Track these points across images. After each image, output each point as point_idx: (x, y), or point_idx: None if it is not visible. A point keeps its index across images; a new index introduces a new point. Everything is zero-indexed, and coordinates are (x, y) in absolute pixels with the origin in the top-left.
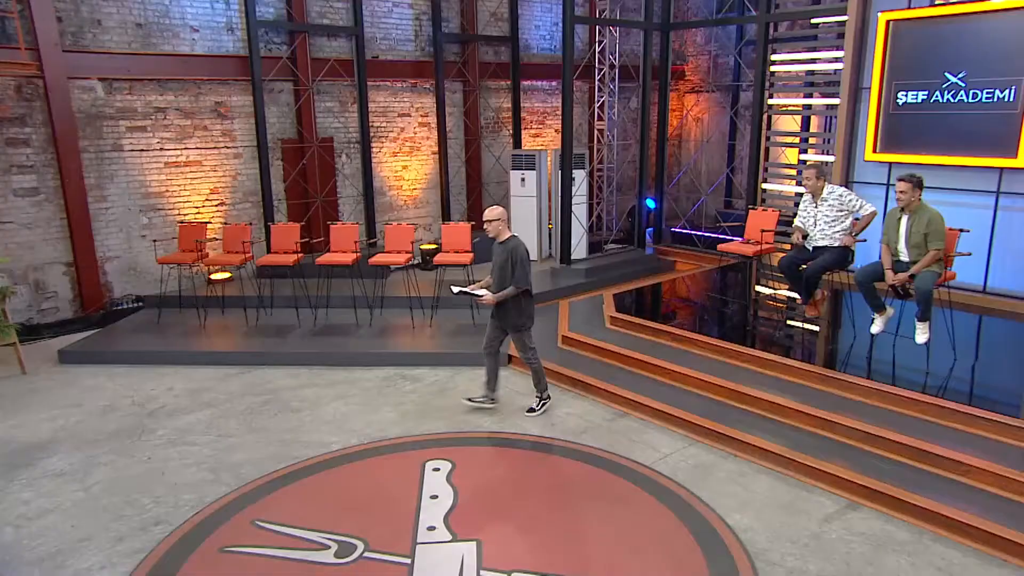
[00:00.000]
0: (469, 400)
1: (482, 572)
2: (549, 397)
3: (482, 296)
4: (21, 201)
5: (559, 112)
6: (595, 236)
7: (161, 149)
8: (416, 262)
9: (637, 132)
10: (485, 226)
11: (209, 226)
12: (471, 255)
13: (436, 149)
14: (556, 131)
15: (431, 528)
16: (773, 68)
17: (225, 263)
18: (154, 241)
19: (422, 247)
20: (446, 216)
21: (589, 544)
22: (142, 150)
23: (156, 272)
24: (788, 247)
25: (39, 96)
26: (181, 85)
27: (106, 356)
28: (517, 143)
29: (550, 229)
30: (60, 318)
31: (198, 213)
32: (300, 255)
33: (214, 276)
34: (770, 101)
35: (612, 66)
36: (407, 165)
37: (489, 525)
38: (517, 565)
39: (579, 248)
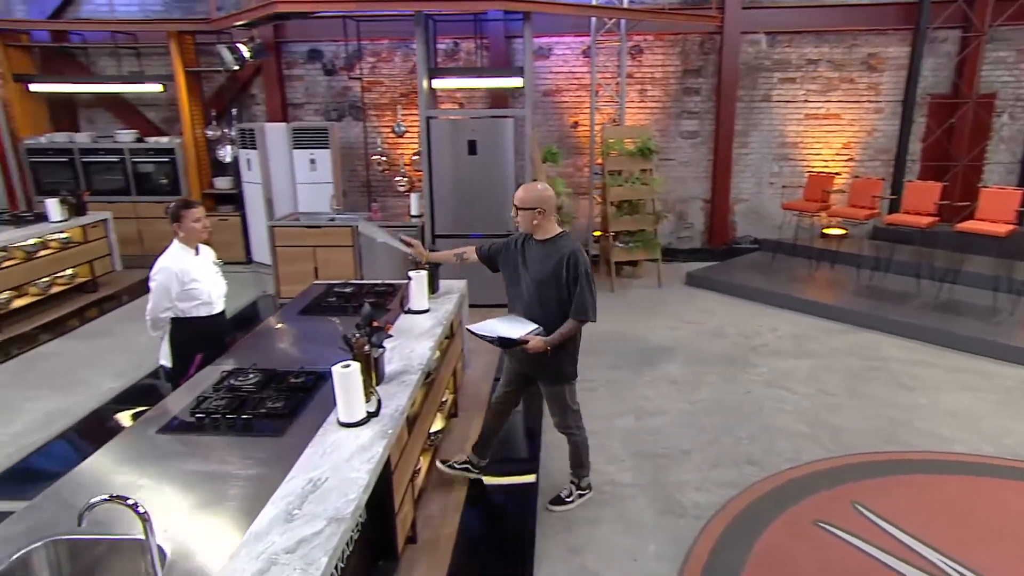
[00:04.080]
0: (447, 465)
1: None
2: (590, 488)
3: (528, 342)
4: (683, 142)
5: None
6: None
7: (805, 101)
8: None
9: None
10: (516, 215)
11: (836, 179)
12: None
13: None
14: None
15: None
16: None
17: (848, 216)
18: (783, 187)
19: None
20: None
21: None
22: (787, 101)
23: (776, 218)
24: None
25: (715, 50)
26: (838, 37)
27: (721, 285)
28: None
29: None
30: (691, 246)
31: (825, 166)
32: (935, 218)
33: (827, 231)
34: None
35: None
36: None
37: None
38: None
39: None
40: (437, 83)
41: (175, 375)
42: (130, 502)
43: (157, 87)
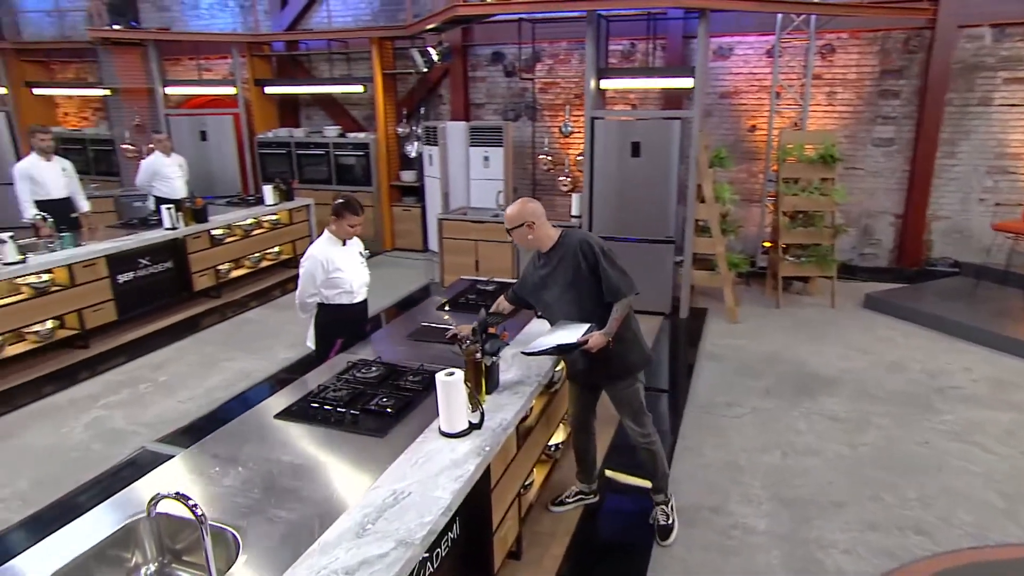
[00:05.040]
0: (559, 504)
1: None
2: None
3: (587, 340)
4: (875, 150)
5: None
6: None
7: None
8: None
9: None
10: (512, 235)
11: None
12: None
13: None
14: None
15: None
16: None
17: None
18: (996, 205)
19: None
20: None
21: None
22: (1013, 105)
23: (985, 239)
24: None
25: (923, 48)
26: None
27: (906, 312)
28: None
29: None
30: (875, 264)
31: None
32: None
33: None
34: None
35: None
36: None
37: None
38: None
39: None
40: (605, 83)
41: (317, 357)
42: (191, 503)
43: (359, 88)
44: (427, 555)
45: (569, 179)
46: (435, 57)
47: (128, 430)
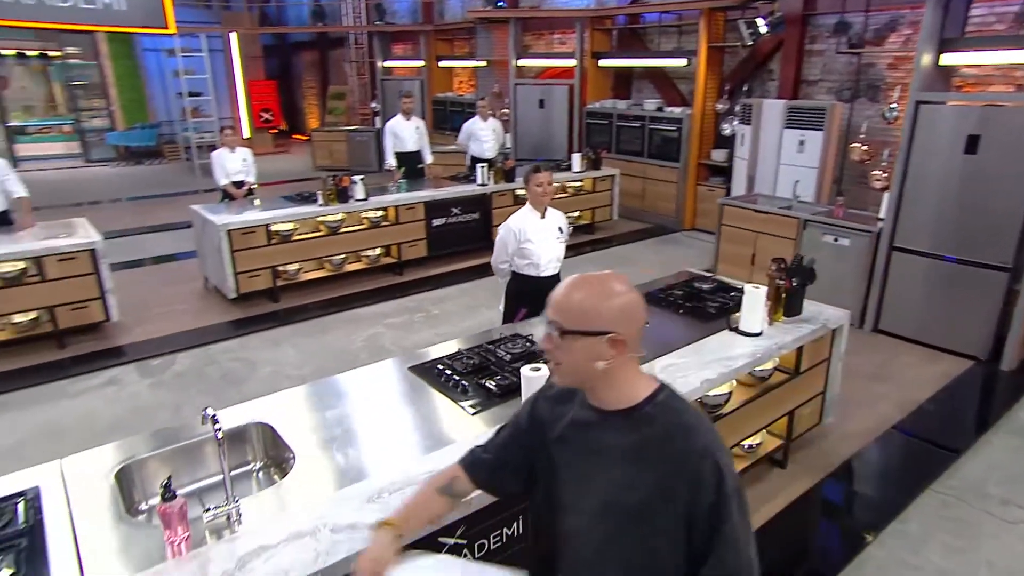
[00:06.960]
0: None
1: None
2: None
3: None
4: None
5: None
6: None
7: None
8: None
9: None
10: (552, 346)
11: None
12: None
13: None
14: None
15: None
16: None
17: None
18: None
19: None
20: None
21: None
22: None
23: None
24: None
25: None
26: None
27: None
28: None
29: None
30: None
31: None
32: None
33: None
34: None
35: None
36: None
37: None
38: None
39: None
40: (948, 58)
41: (503, 320)
42: (215, 422)
43: (682, 61)
44: (463, 542)
45: (885, 174)
46: (762, 29)
47: (388, 349)
